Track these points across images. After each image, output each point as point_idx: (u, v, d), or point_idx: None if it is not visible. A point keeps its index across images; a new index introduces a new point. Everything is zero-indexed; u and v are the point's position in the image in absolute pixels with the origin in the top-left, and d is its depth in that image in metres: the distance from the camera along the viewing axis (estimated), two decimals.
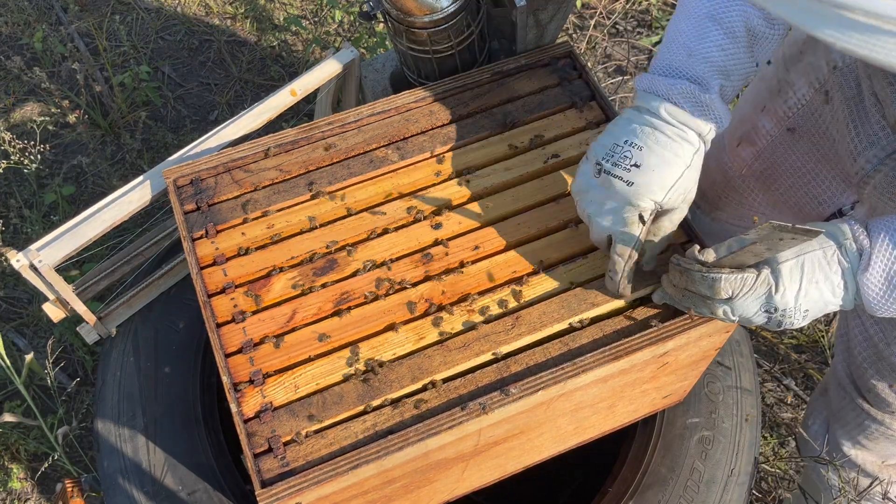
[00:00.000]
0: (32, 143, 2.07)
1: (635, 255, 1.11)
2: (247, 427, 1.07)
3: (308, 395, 1.10)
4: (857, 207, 1.26)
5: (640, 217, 1.09)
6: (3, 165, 1.95)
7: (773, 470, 1.96)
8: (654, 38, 2.71)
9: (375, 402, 1.09)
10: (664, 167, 1.07)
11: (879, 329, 1.34)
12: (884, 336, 1.33)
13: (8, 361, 1.73)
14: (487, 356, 1.13)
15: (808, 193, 1.38)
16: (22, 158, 2.06)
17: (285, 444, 1.07)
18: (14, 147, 2.05)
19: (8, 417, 1.76)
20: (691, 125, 1.07)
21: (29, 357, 1.69)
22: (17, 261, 1.29)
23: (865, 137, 1.17)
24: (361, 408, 1.09)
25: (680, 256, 1.05)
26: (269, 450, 1.06)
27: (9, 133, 2.06)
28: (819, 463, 1.60)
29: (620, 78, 2.62)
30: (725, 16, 1.06)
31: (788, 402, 2.07)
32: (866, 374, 1.42)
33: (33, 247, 1.31)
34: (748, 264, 1.01)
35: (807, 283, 0.99)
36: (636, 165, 1.08)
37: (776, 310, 1.01)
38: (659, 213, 1.13)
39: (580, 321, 1.17)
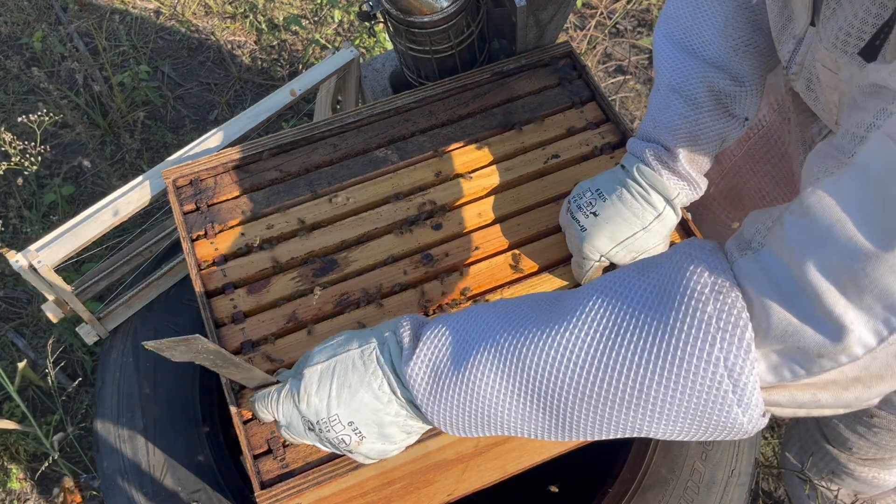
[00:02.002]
0: (33, 143, 2.06)
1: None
2: (246, 428, 1.07)
3: None
4: None
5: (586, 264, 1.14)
6: (3, 167, 1.94)
7: (773, 470, 1.96)
8: None
9: None
10: (619, 222, 1.09)
11: None
12: None
13: (1, 368, 1.73)
14: None
15: None
16: (22, 160, 2.06)
17: (285, 444, 1.06)
18: (15, 148, 2.04)
19: (5, 424, 1.76)
20: (659, 188, 1.09)
21: (21, 364, 1.69)
22: (17, 261, 1.29)
23: None
24: None
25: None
26: (269, 451, 1.06)
27: (9, 133, 2.06)
28: (800, 478, 1.62)
29: (621, 78, 2.61)
30: (685, 85, 1.08)
31: None
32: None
33: (33, 247, 1.31)
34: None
35: (338, 389, 0.84)
36: (594, 214, 1.11)
37: (313, 425, 0.86)
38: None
39: None
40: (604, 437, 0.77)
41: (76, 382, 1.87)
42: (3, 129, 2.03)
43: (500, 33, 1.48)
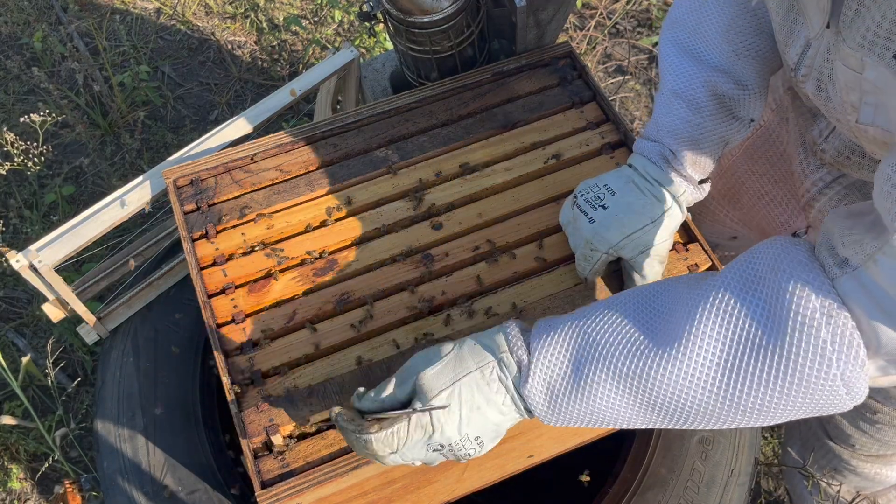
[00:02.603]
0: (35, 144, 2.06)
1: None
2: (247, 427, 1.07)
3: (308, 395, 1.10)
4: (810, 232, 1.27)
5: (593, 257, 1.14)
6: (6, 167, 1.94)
7: (773, 470, 1.96)
8: (654, 38, 2.71)
9: None
10: (629, 214, 1.10)
11: None
12: None
13: (5, 364, 1.73)
14: None
15: (768, 215, 1.39)
16: (25, 160, 2.05)
17: (281, 452, 1.06)
18: (17, 149, 2.04)
19: (6, 420, 1.76)
20: (665, 184, 1.12)
21: (25, 360, 1.69)
22: (17, 261, 1.29)
23: (814, 160, 1.18)
24: None
25: (340, 413, 0.93)
26: (269, 451, 1.06)
27: (11, 134, 2.06)
28: (802, 474, 1.62)
29: (620, 78, 2.61)
30: (687, 90, 1.10)
31: None
32: None
33: (33, 247, 1.31)
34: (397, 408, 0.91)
35: (468, 412, 0.89)
36: (603, 206, 1.12)
37: (443, 446, 0.90)
38: (625, 264, 1.14)
39: None
40: (717, 429, 0.85)
41: (76, 382, 1.87)
42: (4, 129, 2.03)
43: (500, 33, 1.48)
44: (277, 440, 1.05)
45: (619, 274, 1.19)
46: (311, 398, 1.08)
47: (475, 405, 0.89)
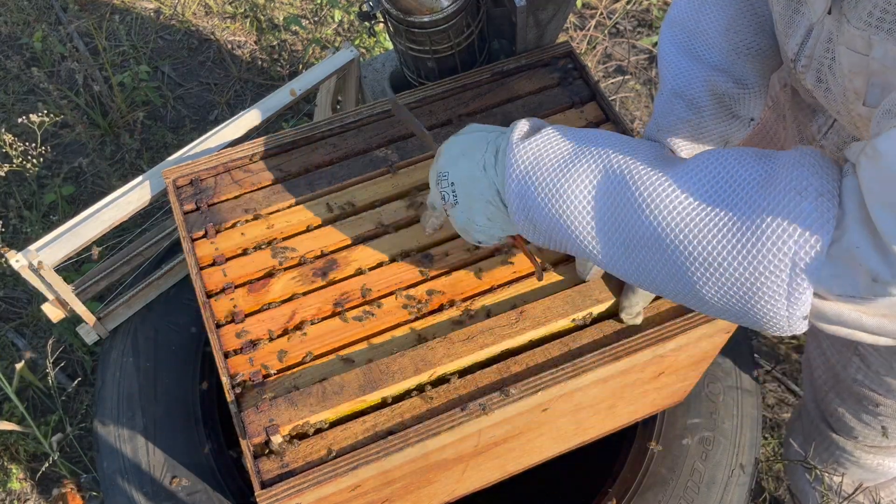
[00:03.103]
0: (33, 144, 2.06)
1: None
2: (247, 426, 1.07)
3: (308, 395, 1.10)
4: None
5: None
6: (5, 169, 1.94)
7: (774, 468, 1.96)
8: (654, 38, 2.71)
9: (376, 394, 1.09)
10: None
11: (835, 351, 1.36)
12: (840, 358, 1.35)
13: (2, 367, 1.72)
14: (491, 349, 1.13)
15: None
16: (24, 161, 2.05)
17: (282, 448, 1.06)
18: (15, 150, 2.04)
19: (4, 425, 1.76)
20: None
21: (19, 365, 1.68)
22: (17, 261, 1.29)
23: None
24: (362, 398, 1.09)
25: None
26: (269, 450, 1.06)
27: (9, 135, 2.05)
28: (805, 467, 1.61)
29: (621, 78, 2.61)
30: (687, 90, 1.10)
31: (790, 402, 2.07)
32: (827, 398, 1.45)
33: (32, 247, 1.31)
34: None
35: (458, 154, 0.99)
36: None
37: (438, 177, 1.01)
38: None
39: (584, 317, 1.16)
40: (644, 284, 0.87)
41: (76, 382, 1.87)
42: (3, 130, 2.03)
43: (500, 33, 1.48)
44: (277, 440, 1.05)
45: None
46: (310, 398, 1.08)
47: (463, 152, 0.99)
